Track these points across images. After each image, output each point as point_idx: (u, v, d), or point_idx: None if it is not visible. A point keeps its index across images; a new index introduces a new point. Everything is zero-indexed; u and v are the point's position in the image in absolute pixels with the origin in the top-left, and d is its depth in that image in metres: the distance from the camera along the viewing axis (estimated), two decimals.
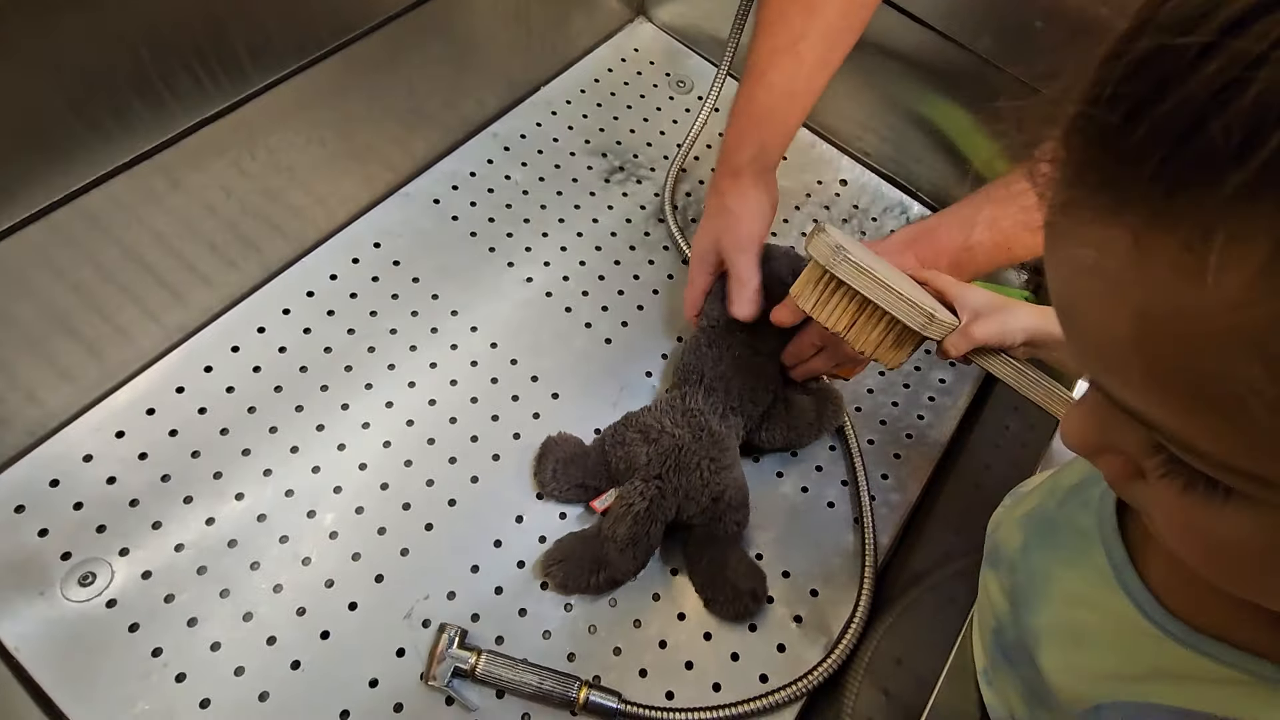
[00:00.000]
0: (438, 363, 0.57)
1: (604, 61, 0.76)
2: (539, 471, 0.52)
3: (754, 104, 0.52)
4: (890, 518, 0.56)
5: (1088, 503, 0.28)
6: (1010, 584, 0.32)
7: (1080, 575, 0.27)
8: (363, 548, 0.49)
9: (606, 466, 0.52)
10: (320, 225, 0.59)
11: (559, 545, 0.50)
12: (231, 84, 0.45)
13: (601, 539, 0.48)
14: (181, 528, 0.48)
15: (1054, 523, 0.31)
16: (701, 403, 0.52)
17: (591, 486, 0.52)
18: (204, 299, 0.54)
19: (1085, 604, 0.27)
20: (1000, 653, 0.34)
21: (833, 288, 0.42)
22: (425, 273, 0.60)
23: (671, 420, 0.51)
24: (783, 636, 0.50)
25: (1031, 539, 0.32)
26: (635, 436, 0.51)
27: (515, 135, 0.69)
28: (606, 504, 0.50)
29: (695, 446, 0.50)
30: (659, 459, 0.49)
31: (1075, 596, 0.27)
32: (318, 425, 0.53)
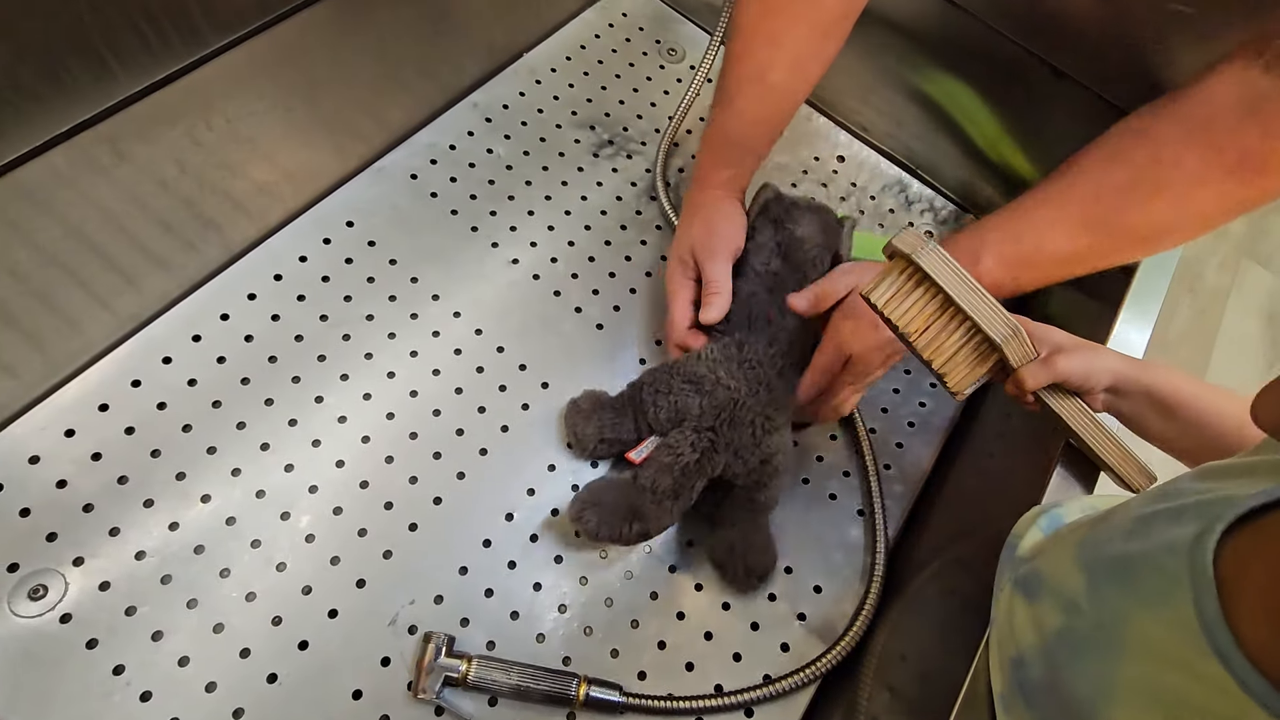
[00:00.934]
0: (419, 351, 0.53)
1: (591, 26, 0.71)
2: (567, 432, 0.50)
3: (725, 132, 0.54)
4: (894, 509, 0.54)
5: (1174, 547, 0.25)
6: (1065, 624, 0.29)
7: (1164, 627, 0.24)
8: (342, 551, 0.46)
9: (636, 419, 0.48)
10: (287, 202, 0.55)
11: (591, 490, 0.46)
12: (183, 44, 0.40)
13: (639, 488, 0.44)
14: (142, 534, 0.44)
15: (1130, 561, 0.27)
16: (762, 354, 0.48)
17: (613, 440, 0.49)
18: (160, 284, 0.50)
19: (1170, 662, 0.23)
20: (1018, 687, 0.32)
21: (910, 287, 0.38)
22: (403, 254, 0.56)
23: (727, 371, 0.47)
24: (786, 635, 0.49)
25: (1101, 577, 0.28)
26: (685, 386, 0.47)
27: (497, 105, 0.64)
28: (646, 453, 0.46)
29: (752, 402, 0.46)
30: (713, 411, 0.46)
31: (1158, 652, 0.24)
32: (290, 420, 0.49)
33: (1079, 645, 0.28)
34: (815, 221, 0.52)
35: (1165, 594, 0.24)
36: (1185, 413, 0.37)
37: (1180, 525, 0.25)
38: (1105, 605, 0.27)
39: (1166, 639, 0.24)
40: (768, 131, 0.54)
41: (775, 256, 0.52)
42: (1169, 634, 0.23)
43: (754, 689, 0.46)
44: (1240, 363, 1.29)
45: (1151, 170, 0.44)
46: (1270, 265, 1.40)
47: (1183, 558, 0.24)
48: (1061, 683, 0.28)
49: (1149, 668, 0.24)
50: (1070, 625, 0.29)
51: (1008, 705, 0.34)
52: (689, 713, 0.45)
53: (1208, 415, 0.37)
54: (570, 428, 0.50)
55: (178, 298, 0.51)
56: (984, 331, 0.37)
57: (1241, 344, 1.30)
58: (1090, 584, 0.28)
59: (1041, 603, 0.32)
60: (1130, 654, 0.25)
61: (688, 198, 0.56)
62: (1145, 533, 0.27)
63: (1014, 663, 0.32)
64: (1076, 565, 0.30)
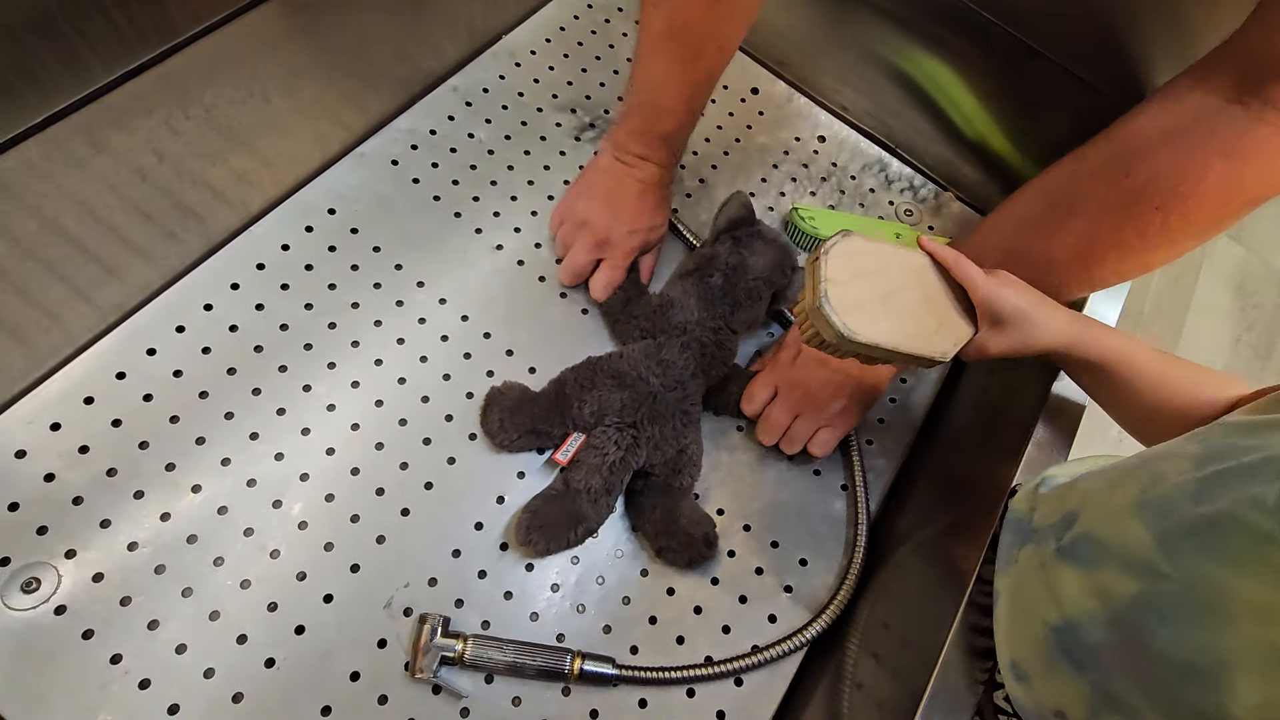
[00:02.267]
0: (405, 338, 0.54)
1: (570, 8, 0.71)
2: (485, 422, 0.51)
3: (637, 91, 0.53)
4: (876, 483, 0.56)
5: (1261, 502, 0.25)
6: (1144, 589, 0.29)
7: (1269, 585, 0.24)
8: (335, 537, 0.47)
9: (562, 411, 0.50)
10: (267, 190, 0.54)
11: (530, 513, 0.48)
12: (156, 32, 0.40)
13: (574, 492, 0.47)
14: (133, 525, 0.45)
15: (1213, 524, 0.27)
16: (676, 356, 0.51)
17: (543, 431, 0.50)
18: (142, 275, 0.50)
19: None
20: (1063, 653, 0.33)
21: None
22: (387, 241, 0.56)
23: (646, 368, 0.50)
24: (773, 607, 0.50)
25: (1179, 541, 0.28)
26: (608, 382, 0.50)
27: (477, 89, 0.64)
28: (571, 452, 0.49)
29: (669, 398, 0.50)
30: (634, 405, 0.49)
31: (1267, 611, 0.24)
32: (278, 409, 0.49)
33: (1167, 610, 0.28)
34: (771, 257, 0.53)
35: (1260, 553, 0.24)
36: (1136, 384, 0.39)
37: (1257, 483, 0.26)
38: (1192, 569, 0.27)
39: (1273, 597, 0.24)
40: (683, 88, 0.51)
41: (720, 274, 0.53)
42: (1274, 591, 0.24)
43: (742, 658, 0.47)
44: (1211, 333, 1.32)
45: (1067, 202, 0.46)
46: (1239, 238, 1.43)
47: (1274, 514, 0.24)
48: (1149, 648, 0.28)
49: (1260, 628, 0.24)
50: (1153, 590, 0.28)
51: (1023, 674, 0.35)
52: (680, 682, 0.46)
53: (1161, 387, 0.38)
54: (493, 422, 0.50)
55: (160, 288, 0.50)
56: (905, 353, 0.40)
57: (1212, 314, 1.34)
58: (1166, 548, 0.28)
59: (1104, 569, 0.31)
60: (1236, 617, 0.25)
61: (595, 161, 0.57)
62: (1218, 493, 0.27)
63: (1056, 630, 0.33)
64: (1145, 530, 0.30)
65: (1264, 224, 1.46)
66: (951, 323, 0.41)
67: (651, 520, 0.50)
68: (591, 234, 0.55)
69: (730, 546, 0.52)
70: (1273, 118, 0.38)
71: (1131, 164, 0.42)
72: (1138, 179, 0.42)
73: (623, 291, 0.56)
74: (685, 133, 0.55)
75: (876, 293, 0.41)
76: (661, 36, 0.49)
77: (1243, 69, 0.39)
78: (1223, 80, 0.40)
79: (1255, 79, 0.38)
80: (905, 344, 0.40)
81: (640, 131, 0.54)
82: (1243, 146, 0.39)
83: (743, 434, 0.56)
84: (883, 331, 0.40)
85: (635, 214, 0.55)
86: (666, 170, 0.56)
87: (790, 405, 0.53)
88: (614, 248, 0.55)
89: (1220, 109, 0.40)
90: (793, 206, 0.65)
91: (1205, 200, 0.40)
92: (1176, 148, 0.41)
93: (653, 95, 0.52)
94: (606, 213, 0.55)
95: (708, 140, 0.68)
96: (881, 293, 0.41)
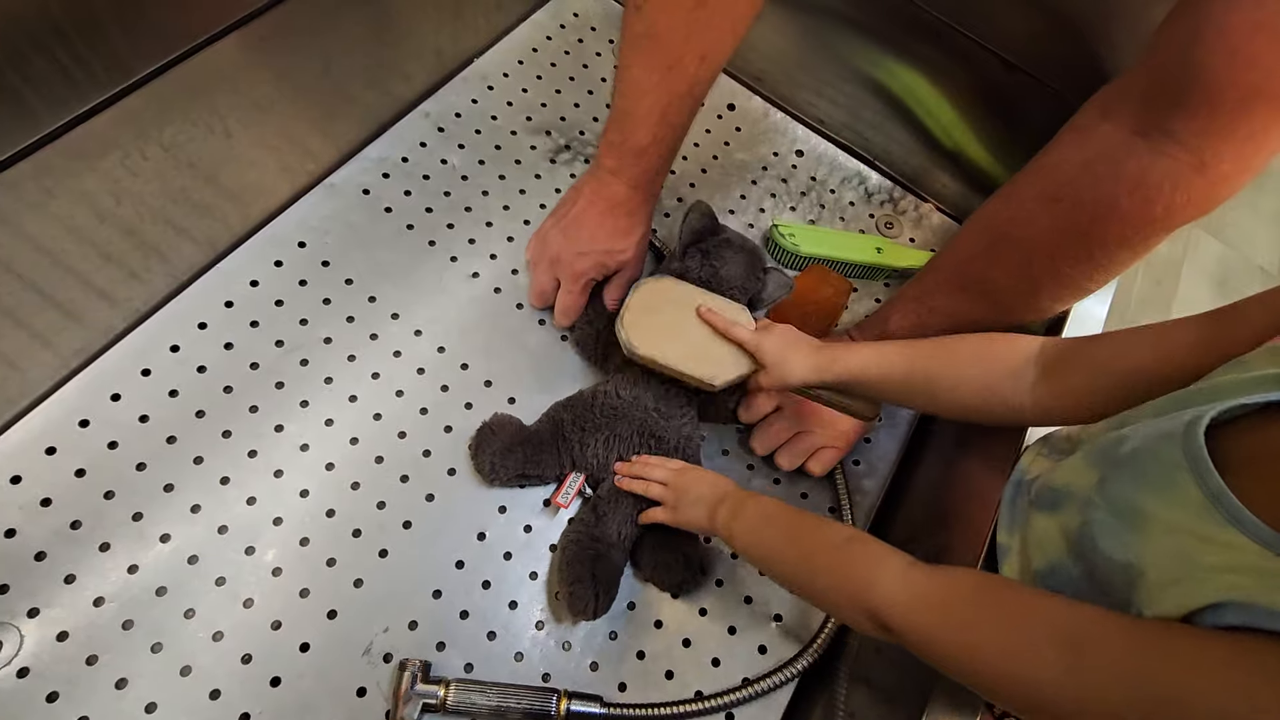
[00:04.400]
0: (380, 372, 0.52)
1: (541, 28, 0.70)
2: (477, 463, 0.50)
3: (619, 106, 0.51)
4: (864, 503, 0.55)
5: (1170, 435, 0.28)
6: (1083, 520, 0.32)
7: (1174, 506, 0.27)
8: (311, 583, 0.45)
9: (559, 453, 0.50)
10: (234, 226, 0.53)
11: (587, 581, 0.46)
12: (106, 74, 0.38)
13: (608, 544, 0.47)
14: (99, 579, 0.43)
15: (1136, 454, 0.30)
16: (668, 380, 0.51)
17: (535, 476, 0.50)
18: (104, 317, 0.48)
19: (1185, 533, 0.27)
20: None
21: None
22: (359, 273, 0.55)
23: (644, 399, 0.50)
24: (763, 637, 0.49)
25: (1109, 472, 0.32)
26: (608, 420, 0.50)
27: (449, 114, 0.63)
28: (572, 494, 0.49)
29: (671, 426, 0.50)
30: (638, 441, 0.50)
31: (1174, 526, 0.27)
32: (249, 451, 0.48)
33: (1102, 532, 0.31)
34: (742, 263, 0.53)
35: (1171, 481, 0.28)
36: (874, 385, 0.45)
37: (1169, 419, 0.29)
38: (1119, 496, 0.30)
39: (1180, 516, 0.27)
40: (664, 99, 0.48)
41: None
42: (1181, 511, 0.27)
43: (733, 691, 0.46)
44: None
45: (1004, 233, 0.47)
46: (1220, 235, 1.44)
47: (1178, 447, 0.28)
48: (1096, 568, 0.31)
49: (1168, 540, 0.28)
50: (1090, 519, 0.32)
51: None
52: (670, 719, 0.45)
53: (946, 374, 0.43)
54: (486, 461, 0.49)
55: (124, 331, 0.49)
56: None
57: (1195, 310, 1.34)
58: (1101, 482, 0.32)
59: (1063, 511, 0.35)
60: (1150, 532, 0.28)
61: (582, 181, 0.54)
62: (1141, 432, 0.31)
63: (1042, 575, 0.36)
64: (1091, 469, 0.33)
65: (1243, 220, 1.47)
66: (735, 360, 0.49)
67: (648, 537, 0.49)
68: (545, 253, 0.54)
69: (718, 575, 0.51)
70: (1173, 150, 0.38)
71: (1059, 194, 0.43)
72: (1064, 209, 0.43)
73: (589, 325, 0.55)
74: (661, 149, 0.51)
75: (672, 325, 0.49)
76: (640, 40, 0.46)
77: (1143, 100, 0.40)
78: (1126, 112, 0.40)
79: (1156, 111, 0.39)
80: (679, 364, 0.48)
81: (614, 144, 0.51)
82: (1146, 180, 0.39)
83: (728, 457, 0.55)
84: (661, 352, 0.48)
85: (591, 235, 0.53)
86: (638, 190, 0.52)
87: (795, 421, 0.52)
88: (563, 268, 0.53)
89: (1124, 142, 0.40)
90: (773, 223, 0.65)
91: (1120, 230, 0.41)
92: (1094, 178, 0.41)
93: (628, 103, 0.49)
94: (562, 231, 0.53)
95: (685, 158, 0.67)
96: (675, 326, 0.49)
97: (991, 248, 0.47)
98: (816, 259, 0.63)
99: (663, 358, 0.48)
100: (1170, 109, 0.38)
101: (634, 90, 0.48)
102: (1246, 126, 0.36)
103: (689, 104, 0.49)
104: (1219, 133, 0.37)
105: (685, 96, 0.48)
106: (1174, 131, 0.38)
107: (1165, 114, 0.38)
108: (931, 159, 0.69)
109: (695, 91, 0.48)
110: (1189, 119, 0.38)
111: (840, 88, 0.69)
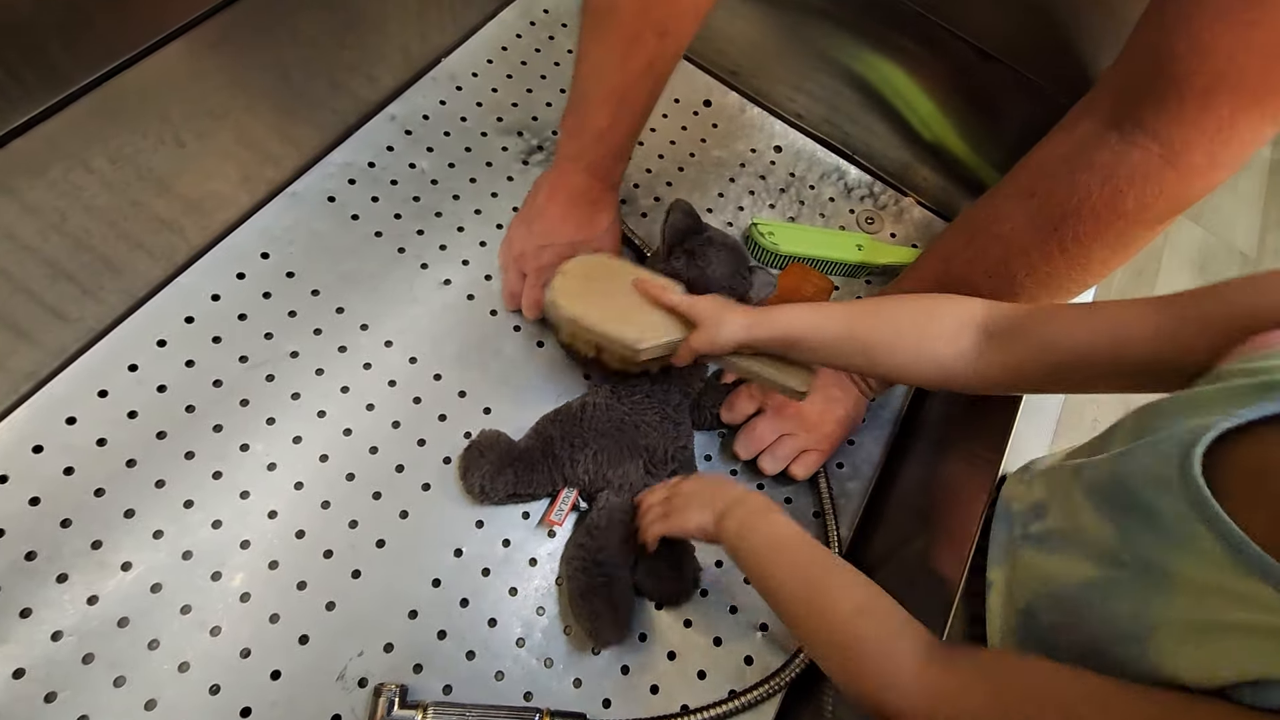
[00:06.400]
0: (350, 386, 0.51)
1: (511, 26, 0.68)
2: (466, 484, 0.48)
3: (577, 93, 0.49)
4: (848, 507, 0.54)
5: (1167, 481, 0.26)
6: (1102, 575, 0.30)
7: (1199, 564, 0.25)
8: (281, 607, 0.44)
9: (551, 471, 0.48)
10: (192, 238, 0.51)
11: (603, 613, 0.45)
12: (43, 86, 0.36)
13: (614, 564, 0.46)
14: (57, 612, 0.41)
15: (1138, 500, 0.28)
16: (655, 387, 0.50)
17: (527, 495, 0.49)
18: (57, 337, 0.46)
19: (1213, 591, 0.25)
20: (1030, 638, 0.34)
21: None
22: (326, 283, 0.53)
23: (635, 411, 0.49)
24: (749, 647, 0.48)
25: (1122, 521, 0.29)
26: (599, 436, 0.49)
27: (417, 116, 0.61)
28: (565, 511, 0.48)
29: (663, 439, 0.49)
30: (631, 456, 0.48)
31: (1199, 585, 0.25)
32: (214, 473, 0.46)
33: (1119, 592, 0.29)
34: (728, 262, 0.51)
35: (1185, 531, 0.26)
36: (810, 343, 0.43)
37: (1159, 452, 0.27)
38: (1146, 555, 0.28)
39: (1206, 574, 0.25)
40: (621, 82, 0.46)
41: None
42: (1206, 569, 0.25)
43: (720, 704, 0.45)
44: None
45: (985, 229, 0.46)
46: (1200, 220, 1.45)
47: (1177, 492, 0.26)
48: (1089, 621, 0.29)
49: (1190, 600, 0.25)
50: (1108, 576, 0.29)
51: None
52: None
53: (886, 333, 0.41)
54: (476, 482, 0.47)
55: (78, 351, 0.47)
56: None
57: None
58: (1123, 537, 0.29)
59: (1067, 555, 0.32)
60: (1174, 592, 0.26)
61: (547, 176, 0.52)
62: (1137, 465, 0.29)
63: (1021, 614, 0.34)
64: (1097, 516, 0.31)
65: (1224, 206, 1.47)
66: (662, 325, 0.46)
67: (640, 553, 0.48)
68: (510, 251, 0.53)
69: (703, 584, 0.50)
70: (1144, 141, 0.38)
71: (1034, 189, 0.43)
72: (1037, 204, 0.42)
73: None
74: (620, 135, 0.49)
75: (601, 292, 0.47)
76: (597, 15, 0.44)
77: (1118, 93, 0.39)
78: (1104, 105, 0.40)
79: (1128, 103, 0.38)
80: (602, 326, 0.45)
81: (571, 130, 0.49)
82: (1116, 172, 0.39)
83: (711, 463, 0.54)
84: (584, 312, 0.46)
85: (553, 228, 0.51)
86: (598, 178, 0.50)
87: (779, 423, 0.52)
88: (527, 262, 0.52)
89: (1100, 134, 0.40)
90: (752, 221, 0.63)
91: (1094, 224, 0.40)
92: (1068, 172, 0.41)
93: (585, 85, 0.47)
94: (526, 226, 0.53)
95: (661, 156, 0.66)
96: (605, 293, 0.47)
97: (970, 245, 0.47)
98: (797, 258, 0.62)
99: (585, 318, 0.45)
100: (1141, 100, 0.38)
101: (592, 72, 0.46)
102: (1214, 116, 0.35)
103: (648, 84, 0.47)
104: (1188, 123, 0.36)
105: (644, 75, 0.46)
106: (1144, 123, 0.38)
107: (1136, 105, 0.38)
108: (912, 152, 0.68)
109: (656, 69, 0.46)
110: (1158, 110, 0.37)
111: (818, 81, 0.67)
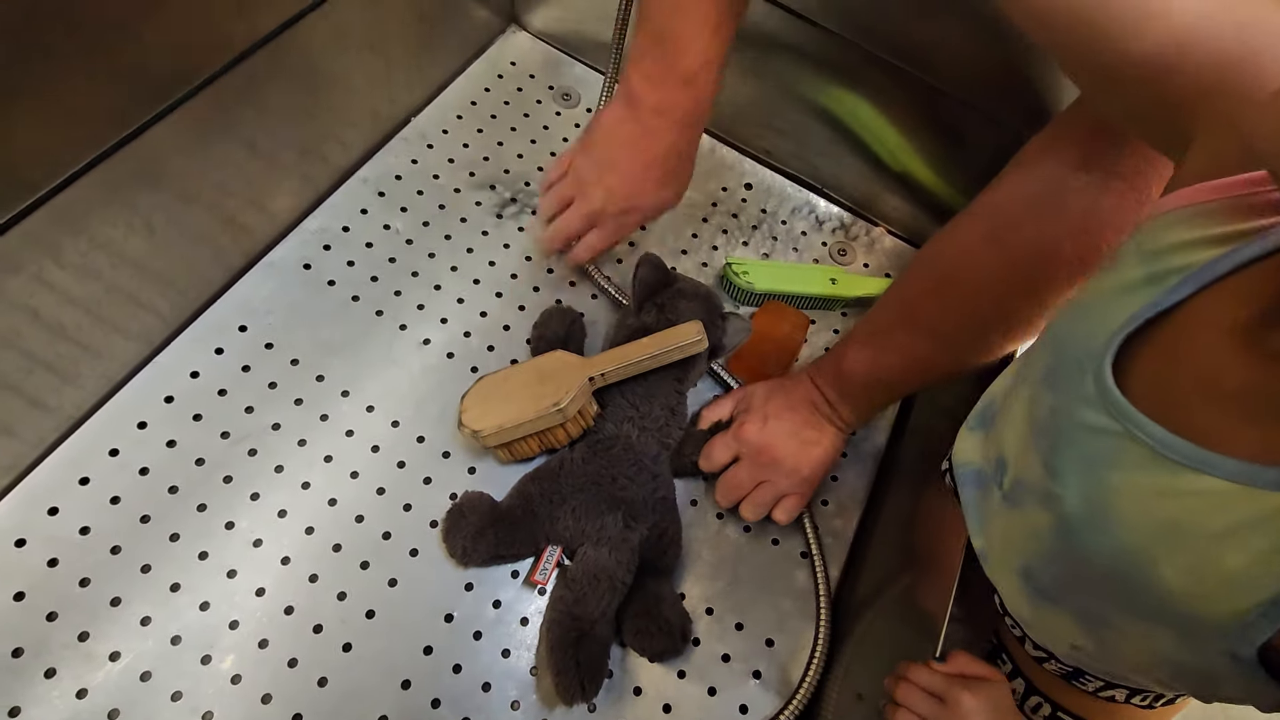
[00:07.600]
0: (333, 455, 0.51)
1: (479, 80, 0.69)
2: (449, 547, 0.48)
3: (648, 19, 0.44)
4: (836, 546, 0.55)
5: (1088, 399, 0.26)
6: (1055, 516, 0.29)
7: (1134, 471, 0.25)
8: (273, 687, 0.44)
9: (533, 530, 0.49)
10: (169, 317, 0.51)
11: (571, 671, 0.44)
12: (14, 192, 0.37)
13: (590, 621, 0.45)
14: (45, 709, 0.41)
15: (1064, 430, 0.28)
16: (635, 442, 0.51)
17: (509, 555, 0.49)
18: (35, 428, 0.46)
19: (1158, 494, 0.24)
20: (1037, 593, 0.33)
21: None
22: (305, 352, 0.53)
23: (614, 467, 0.49)
24: (744, 696, 0.49)
25: (1058, 458, 0.28)
26: (579, 492, 0.49)
27: (389, 177, 0.62)
28: (549, 570, 0.48)
29: (643, 492, 0.49)
30: (612, 509, 0.48)
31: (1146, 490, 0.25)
32: (200, 553, 0.46)
33: (1077, 526, 0.28)
34: (699, 312, 0.52)
35: (1113, 444, 0.25)
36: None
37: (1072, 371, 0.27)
38: (1074, 481, 0.28)
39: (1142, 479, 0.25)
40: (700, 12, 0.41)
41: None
42: (1141, 473, 0.25)
43: None
44: None
45: (950, 275, 0.46)
46: None
47: (1098, 404, 0.26)
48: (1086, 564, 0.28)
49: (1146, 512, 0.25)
50: (1059, 514, 0.29)
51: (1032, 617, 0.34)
52: None
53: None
54: (458, 545, 0.48)
55: (57, 440, 0.47)
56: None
57: None
58: (1050, 470, 0.29)
59: (1025, 506, 0.32)
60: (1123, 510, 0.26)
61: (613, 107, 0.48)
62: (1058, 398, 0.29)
63: (1020, 574, 0.33)
64: (1035, 454, 0.30)
65: None
66: (565, 380, 0.49)
67: (630, 604, 0.48)
68: (587, 203, 0.51)
69: (695, 633, 0.50)
70: (1116, 185, 0.38)
71: (1003, 236, 0.43)
72: (1007, 250, 0.42)
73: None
74: (713, 71, 0.43)
75: (500, 399, 0.50)
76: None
77: (1087, 137, 0.39)
78: (1070, 148, 0.40)
79: (1099, 147, 0.39)
80: (525, 415, 0.48)
81: (655, 77, 0.43)
82: (1089, 221, 0.39)
83: (696, 507, 0.55)
84: (501, 420, 0.49)
85: (639, 188, 0.49)
86: (690, 128, 0.46)
87: (756, 469, 0.51)
88: (606, 220, 0.52)
89: (1068, 179, 0.40)
90: (726, 260, 0.64)
91: (1069, 269, 0.41)
92: (1037, 217, 0.41)
93: (668, 21, 0.41)
94: (605, 181, 0.49)
95: None
96: (505, 397, 0.50)
97: (939, 289, 0.47)
98: (773, 294, 0.63)
99: (507, 423, 0.48)
100: (1111, 143, 0.38)
101: (673, 6, 0.40)
102: None
103: (740, 7, 0.41)
104: (1164, 164, 0.36)
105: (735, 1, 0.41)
106: (1119, 167, 0.38)
107: (1106, 148, 0.38)
108: (880, 183, 0.69)
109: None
110: (1130, 152, 0.38)
111: (786, 116, 0.69)
